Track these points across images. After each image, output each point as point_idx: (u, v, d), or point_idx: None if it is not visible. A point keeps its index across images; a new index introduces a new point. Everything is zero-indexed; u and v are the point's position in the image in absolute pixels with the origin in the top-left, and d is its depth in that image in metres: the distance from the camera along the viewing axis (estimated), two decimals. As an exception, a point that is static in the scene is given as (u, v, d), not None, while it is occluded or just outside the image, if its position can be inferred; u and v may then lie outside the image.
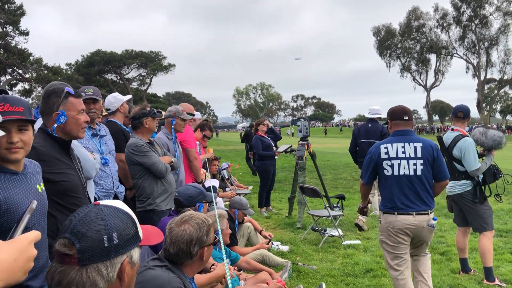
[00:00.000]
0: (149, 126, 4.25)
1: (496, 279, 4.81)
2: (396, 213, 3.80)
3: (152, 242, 1.52)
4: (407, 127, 3.96)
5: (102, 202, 1.43)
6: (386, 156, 3.85)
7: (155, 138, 4.69)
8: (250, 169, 15.00)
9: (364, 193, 4.28)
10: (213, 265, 3.44)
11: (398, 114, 4.00)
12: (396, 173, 3.81)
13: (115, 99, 4.72)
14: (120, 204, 1.46)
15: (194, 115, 5.26)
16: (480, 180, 4.94)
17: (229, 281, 2.23)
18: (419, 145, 3.81)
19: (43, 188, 2.12)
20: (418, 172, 3.78)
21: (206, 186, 5.48)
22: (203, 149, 6.36)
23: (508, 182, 5.14)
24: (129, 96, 5.03)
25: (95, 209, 1.38)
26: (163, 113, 5.08)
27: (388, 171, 3.85)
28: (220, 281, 3.21)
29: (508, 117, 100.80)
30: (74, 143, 3.05)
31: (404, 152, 3.82)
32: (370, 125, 7.84)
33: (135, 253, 1.41)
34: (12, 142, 1.88)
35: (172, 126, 4.93)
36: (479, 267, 5.26)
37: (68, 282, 1.28)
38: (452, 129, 5.12)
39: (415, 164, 3.79)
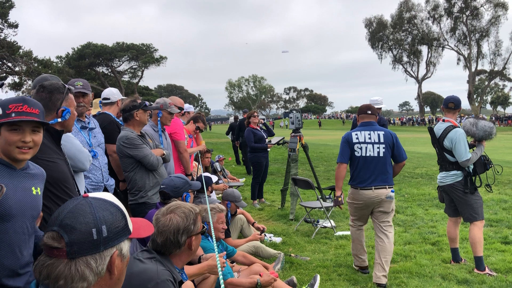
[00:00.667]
0: (140, 119, 4.22)
1: (486, 268, 4.87)
2: (359, 188, 4.75)
3: (142, 234, 1.50)
4: (371, 119, 4.90)
5: (91, 194, 1.41)
6: (357, 140, 4.78)
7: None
8: (236, 162, 15.96)
9: (341, 176, 4.88)
10: (202, 255, 3.43)
11: (364, 109, 4.97)
12: (363, 154, 4.75)
13: (117, 92, 4.78)
14: (109, 196, 1.44)
15: (183, 109, 5.21)
16: (471, 171, 4.98)
17: (220, 272, 2.20)
18: (381, 133, 4.77)
19: (39, 193, 2.12)
20: (381, 154, 4.71)
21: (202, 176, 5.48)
22: (194, 141, 6.33)
23: (498, 172, 5.18)
24: (124, 98, 5.03)
25: (84, 202, 1.36)
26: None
27: (358, 153, 4.78)
28: (211, 272, 3.19)
29: (499, 108, 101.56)
30: (68, 135, 3.04)
31: (370, 138, 4.76)
32: None
33: (125, 245, 1.39)
34: (25, 141, 1.99)
35: (158, 119, 4.90)
36: (469, 257, 5.32)
37: (56, 276, 1.26)
38: (443, 120, 5.15)
39: (378, 148, 4.72)
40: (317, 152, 20.42)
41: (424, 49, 76.27)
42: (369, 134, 4.77)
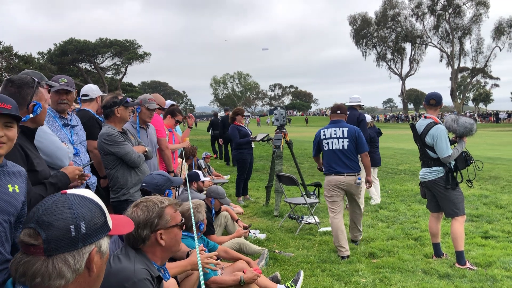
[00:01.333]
0: (121, 115, 4.16)
1: (467, 262, 4.94)
2: (333, 174, 5.58)
3: (122, 231, 1.48)
4: (340, 118, 5.76)
5: (69, 191, 1.39)
6: (324, 137, 5.72)
7: None
8: (213, 152, 16.74)
9: (317, 162, 6.22)
10: (190, 251, 3.41)
11: (334, 109, 5.87)
12: (331, 148, 5.63)
13: (96, 89, 4.70)
14: (88, 193, 1.42)
15: (163, 108, 5.15)
16: (452, 167, 5.04)
17: (200, 268, 2.17)
18: (346, 129, 5.61)
19: (17, 191, 2.07)
20: (345, 147, 5.56)
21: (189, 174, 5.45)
22: (175, 135, 6.28)
23: (479, 168, 5.25)
24: (104, 94, 4.96)
25: (62, 198, 1.33)
26: None
27: (325, 147, 5.69)
28: (194, 269, 3.16)
29: (481, 105, 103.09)
30: (45, 131, 2.98)
31: (335, 134, 5.63)
32: (348, 112, 7.95)
33: (104, 242, 1.37)
34: None
35: (137, 114, 4.85)
36: (451, 252, 5.39)
37: (33, 273, 1.24)
38: (425, 117, 5.20)
39: (343, 142, 5.57)
40: (301, 148, 20.49)
41: (407, 46, 77.15)
42: (335, 131, 5.64)
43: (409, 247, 5.69)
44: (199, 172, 6.76)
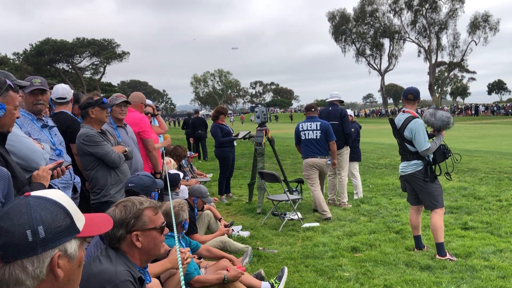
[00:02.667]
0: (96, 116, 4.07)
1: (447, 253, 5.03)
2: (309, 157, 7.32)
3: (96, 232, 1.42)
4: (313, 114, 7.55)
5: (34, 193, 1.33)
6: (302, 129, 7.46)
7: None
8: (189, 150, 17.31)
9: (298, 149, 7.74)
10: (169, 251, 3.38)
11: (309, 108, 7.71)
12: (307, 137, 7.37)
13: (69, 89, 4.60)
14: (54, 194, 1.35)
15: (128, 102, 4.99)
16: (431, 160, 5.12)
17: (180, 267, 2.15)
18: (318, 123, 7.33)
19: None
20: (318, 137, 7.28)
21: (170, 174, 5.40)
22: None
23: (457, 161, 5.33)
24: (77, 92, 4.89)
25: (22, 201, 1.28)
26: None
27: (303, 137, 7.42)
28: (175, 267, 3.13)
29: (458, 98, 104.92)
30: (18, 134, 2.91)
31: (311, 127, 7.36)
32: (330, 108, 8.10)
33: (71, 245, 1.31)
34: None
35: (109, 114, 4.78)
36: (431, 243, 5.48)
37: None
38: (403, 111, 5.26)
39: (316, 133, 7.29)
40: (283, 145, 20.55)
41: (386, 42, 78.05)
42: (310, 125, 7.37)
43: (391, 240, 5.76)
44: (180, 173, 6.72)
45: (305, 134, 7.34)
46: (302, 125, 7.44)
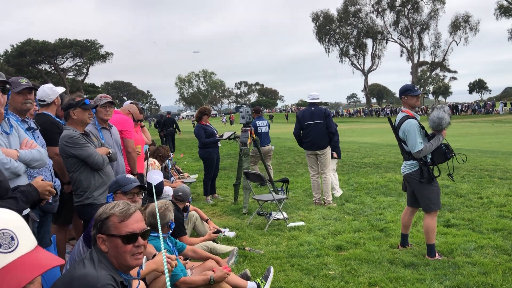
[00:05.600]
0: (78, 118, 4.03)
1: (436, 254, 5.02)
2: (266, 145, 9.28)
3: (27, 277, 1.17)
4: (260, 115, 9.95)
5: None
6: (259, 125, 9.64)
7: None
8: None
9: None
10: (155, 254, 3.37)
11: (258, 110, 9.73)
12: (262, 131, 9.68)
13: (52, 91, 4.48)
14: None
15: (113, 102, 4.96)
16: (429, 160, 4.99)
17: (165, 270, 2.13)
18: (265, 121, 10.06)
19: None
20: (267, 131, 9.65)
21: (149, 181, 5.36)
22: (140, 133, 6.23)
23: (463, 161, 5.12)
24: (62, 89, 4.79)
25: None
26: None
27: (259, 130, 9.63)
28: (160, 269, 3.11)
29: (440, 97, 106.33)
30: None
31: (262, 123, 9.83)
32: (313, 108, 8.14)
33: None
34: None
35: (94, 115, 4.74)
36: (415, 241, 5.56)
37: None
38: (401, 110, 5.19)
39: (266, 128, 9.80)
40: (269, 145, 20.56)
41: (369, 42, 78.74)
42: (262, 122, 10.13)
43: (375, 239, 5.82)
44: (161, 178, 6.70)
45: (261, 128, 9.89)
46: (257, 122, 9.97)
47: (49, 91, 4.45)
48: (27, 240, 1.22)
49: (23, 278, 1.14)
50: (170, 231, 4.16)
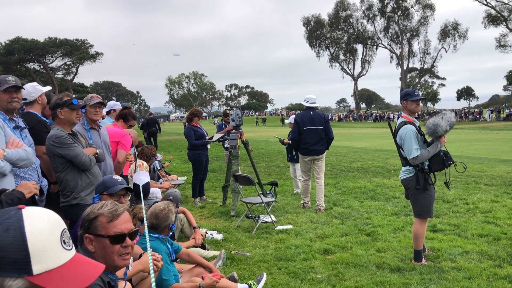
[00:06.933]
0: (65, 117, 4.00)
1: (423, 259, 5.05)
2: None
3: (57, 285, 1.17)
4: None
5: (30, 209, 1.21)
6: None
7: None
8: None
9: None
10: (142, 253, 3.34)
11: (227, 114, 7.88)
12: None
13: (34, 89, 4.42)
14: (39, 221, 1.20)
15: (103, 103, 4.94)
16: (426, 167, 4.95)
17: (151, 271, 2.11)
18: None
19: None
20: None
21: (136, 182, 5.34)
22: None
23: (464, 169, 5.07)
24: (48, 88, 4.75)
25: (10, 212, 1.20)
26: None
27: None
28: (147, 270, 3.08)
29: (429, 104, 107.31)
30: None
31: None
32: (312, 112, 7.97)
33: (13, 283, 1.13)
34: None
35: (83, 115, 4.71)
36: (402, 245, 5.60)
37: None
38: (400, 115, 5.18)
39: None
40: (258, 148, 20.61)
41: (359, 47, 79.27)
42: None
43: (362, 243, 5.85)
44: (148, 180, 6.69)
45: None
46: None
47: (31, 89, 4.41)
48: (50, 259, 1.22)
49: (88, 275, 1.22)
50: (171, 233, 4.11)
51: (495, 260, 5.02)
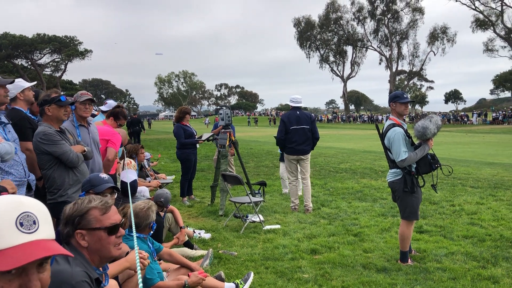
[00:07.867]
0: (53, 114, 3.97)
1: (409, 260, 5.09)
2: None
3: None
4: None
5: None
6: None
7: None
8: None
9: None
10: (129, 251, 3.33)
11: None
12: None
13: (14, 86, 4.33)
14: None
15: (93, 99, 4.91)
16: (413, 169, 4.98)
17: (138, 269, 2.11)
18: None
19: None
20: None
21: (124, 179, 5.31)
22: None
23: (449, 173, 5.08)
24: (31, 83, 4.69)
25: None
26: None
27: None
28: (133, 267, 3.08)
29: (417, 106, 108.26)
30: None
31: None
32: (298, 112, 7.97)
33: None
34: None
35: (73, 112, 4.68)
36: (389, 246, 5.65)
37: None
38: (389, 118, 5.20)
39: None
40: (247, 148, 20.60)
41: (349, 49, 79.63)
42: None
43: (349, 243, 5.89)
44: (135, 172, 6.67)
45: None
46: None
47: (10, 86, 4.35)
48: (47, 229, 1.27)
49: (30, 254, 1.17)
50: (152, 232, 4.10)
51: (479, 261, 5.08)
